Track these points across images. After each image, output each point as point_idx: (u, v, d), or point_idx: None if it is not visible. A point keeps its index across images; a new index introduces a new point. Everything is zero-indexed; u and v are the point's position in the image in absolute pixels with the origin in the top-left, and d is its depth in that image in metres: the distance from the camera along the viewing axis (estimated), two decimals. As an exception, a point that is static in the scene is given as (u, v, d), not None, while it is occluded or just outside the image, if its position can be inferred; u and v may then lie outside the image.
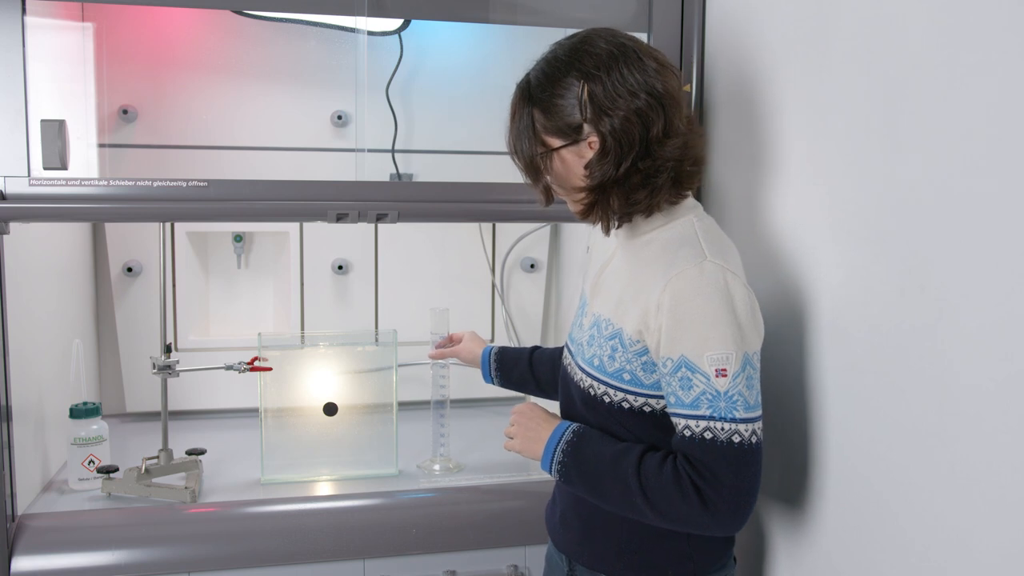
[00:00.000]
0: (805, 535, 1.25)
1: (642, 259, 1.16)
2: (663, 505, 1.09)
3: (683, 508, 1.08)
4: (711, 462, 1.06)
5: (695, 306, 1.06)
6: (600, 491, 1.14)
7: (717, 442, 1.06)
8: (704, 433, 1.07)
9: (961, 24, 0.93)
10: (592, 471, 1.14)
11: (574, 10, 1.67)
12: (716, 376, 1.06)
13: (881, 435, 1.07)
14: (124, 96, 2.03)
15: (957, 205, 0.93)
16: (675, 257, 1.10)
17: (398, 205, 1.54)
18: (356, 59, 1.98)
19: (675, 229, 1.15)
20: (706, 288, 1.07)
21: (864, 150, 1.11)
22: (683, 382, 1.08)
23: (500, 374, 1.57)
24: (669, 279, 1.08)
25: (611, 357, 1.16)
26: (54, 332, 1.83)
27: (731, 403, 1.06)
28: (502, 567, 1.65)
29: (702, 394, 1.07)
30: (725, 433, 1.06)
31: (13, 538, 1.47)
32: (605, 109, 1.09)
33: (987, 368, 0.89)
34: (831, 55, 1.19)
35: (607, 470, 1.13)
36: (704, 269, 1.08)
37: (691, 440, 1.07)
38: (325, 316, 2.26)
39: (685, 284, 1.07)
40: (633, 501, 1.11)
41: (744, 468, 1.07)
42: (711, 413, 1.06)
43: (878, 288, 1.08)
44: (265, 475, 1.76)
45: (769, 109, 1.34)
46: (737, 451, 1.06)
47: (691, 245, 1.11)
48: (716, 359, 1.06)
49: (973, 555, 0.91)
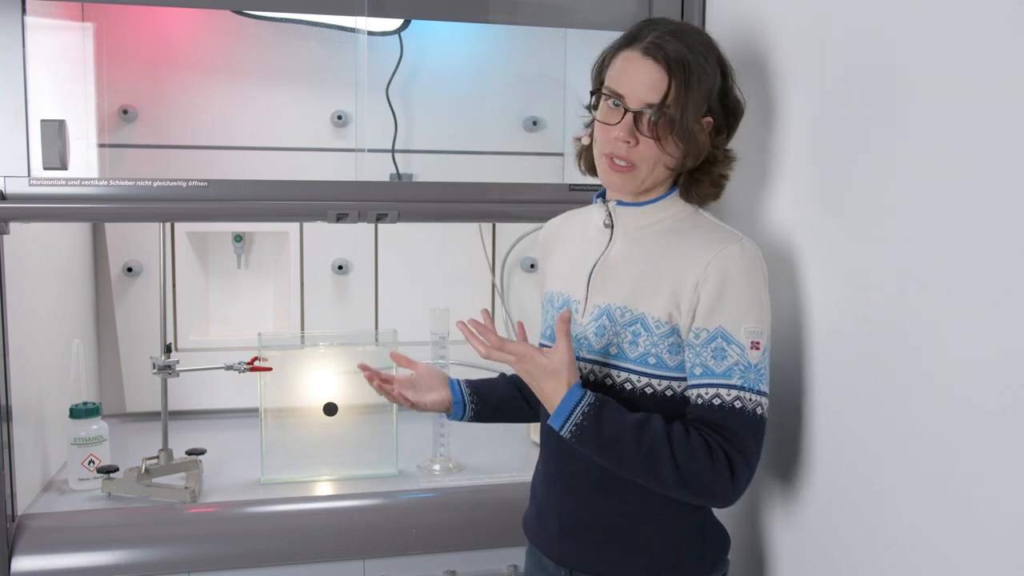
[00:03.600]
0: (802, 532, 1.25)
1: (661, 248, 1.19)
2: (688, 469, 1.10)
3: (708, 473, 1.10)
4: (739, 430, 1.11)
5: (739, 281, 1.13)
6: (619, 455, 1.12)
7: (745, 411, 1.11)
8: (735, 402, 1.11)
9: (960, 24, 0.93)
10: (613, 436, 1.12)
11: (574, 10, 1.67)
12: (751, 348, 1.12)
13: (879, 435, 1.07)
14: (124, 96, 2.03)
15: (957, 204, 0.93)
16: (709, 239, 1.16)
17: (398, 205, 1.54)
18: (356, 59, 1.98)
19: (688, 220, 1.21)
20: (748, 264, 1.14)
21: (864, 149, 1.11)
22: (716, 352, 1.12)
23: (475, 398, 1.41)
24: (712, 257, 1.13)
25: (633, 343, 1.18)
26: (54, 332, 1.83)
27: (759, 375, 1.13)
28: (502, 567, 1.65)
29: (735, 364, 1.12)
30: (752, 404, 1.12)
31: (13, 538, 1.47)
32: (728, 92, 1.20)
33: (987, 368, 0.89)
34: (831, 54, 1.19)
35: (630, 435, 1.11)
36: (745, 247, 1.15)
37: (720, 408, 1.11)
38: (325, 316, 2.26)
39: (730, 261, 1.13)
40: (657, 465, 1.11)
41: (760, 440, 1.13)
42: (742, 383, 1.12)
43: (878, 288, 1.08)
44: (265, 475, 1.76)
45: (769, 109, 1.34)
46: (758, 421, 1.12)
47: (718, 229, 1.19)
48: (753, 332, 1.12)
49: (974, 554, 0.91)
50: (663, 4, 1.58)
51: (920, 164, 1.00)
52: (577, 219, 1.35)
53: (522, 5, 1.67)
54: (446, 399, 1.39)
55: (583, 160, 1.30)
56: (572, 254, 1.30)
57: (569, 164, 2.25)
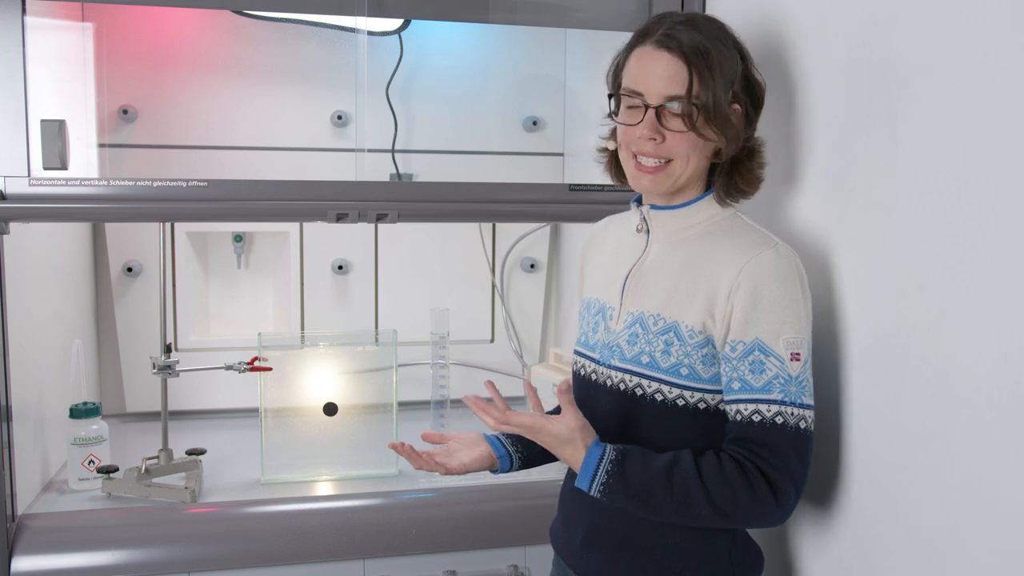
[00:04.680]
0: (807, 534, 1.25)
1: (695, 252, 1.15)
2: (728, 504, 1.05)
3: (750, 502, 1.05)
4: (781, 447, 1.06)
5: (773, 289, 1.07)
6: (651, 504, 1.08)
7: (788, 427, 1.06)
8: (776, 418, 1.06)
9: (960, 25, 0.93)
10: (642, 487, 1.08)
11: (574, 10, 1.67)
12: (791, 360, 1.06)
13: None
14: (124, 96, 2.03)
15: (957, 204, 0.93)
16: (743, 243, 1.11)
17: (398, 205, 1.54)
18: (356, 59, 1.98)
19: (724, 223, 1.16)
20: (784, 271, 1.08)
21: (863, 149, 1.11)
22: (754, 365, 1.07)
23: (519, 446, 1.33)
24: (745, 262, 1.08)
25: (665, 352, 1.13)
26: (54, 332, 1.83)
27: (801, 388, 1.07)
28: (502, 567, 1.65)
29: (775, 378, 1.06)
30: (795, 418, 1.06)
31: (13, 538, 1.47)
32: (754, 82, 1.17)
33: (987, 368, 0.89)
34: (831, 54, 1.19)
35: (660, 483, 1.07)
36: (780, 252, 1.09)
37: (760, 425, 1.06)
38: (325, 316, 2.26)
39: (763, 267, 1.08)
40: (692, 508, 1.06)
41: (807, 455, 1.08)
42: (783, 398, 1.06)
43: (878, 288, 1.08)
44: (265, 475, 1.76)
45: (769, 111, 1.34)
46: (804, 437, 1.07)
47: (754, 232, 1.14)
48: (792, 343, 1.06)
49: (975, 551, 0.91)
50: (663, 4, 1.58)
51: (921, 163, 1.00)
52: (617, 224, 1.31)
53: (522, 5, 1.67)
54: (486, 455, 1.31)
55: (611, 168, 1.26)
56: (609, 260, 1.27)
57: (569, 164, 2.25)
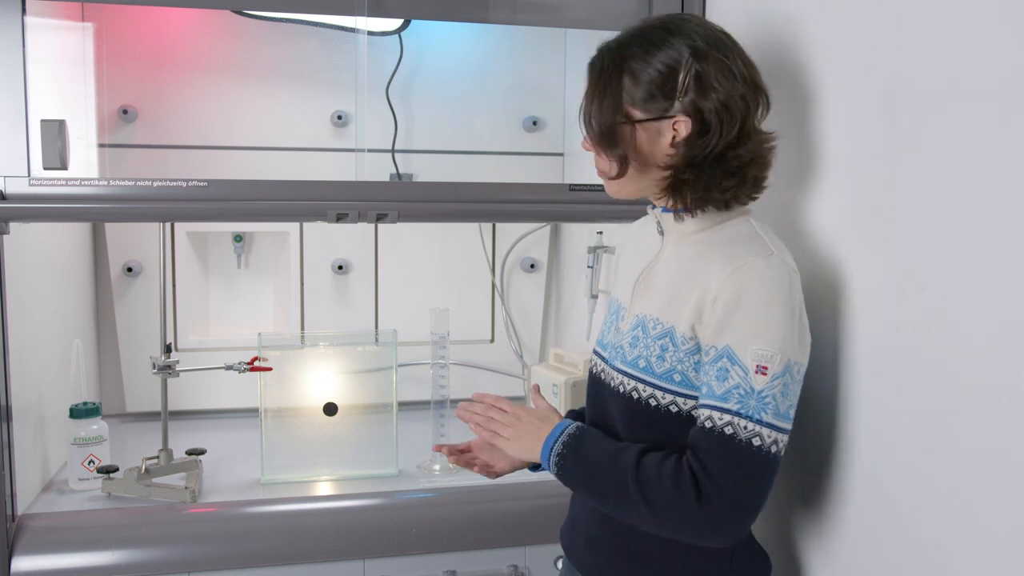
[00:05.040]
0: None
1: (695, 257, 1.11)
2: (657, 500, 1.03)
3: (677, 504, 1.02)
4: (722, 458, 1.01)
5: (755, 297, 1.03)
6: (596, 487, 1.09)
7: (737, 440, 1.01)
8: (725, 428, 1.02)
9: (963, 26, 0.93)
10: (590, 465, 1.10)
11: (574, 10, 1.67)
12: (755, 372, 1.01)
13: (889, 436, 1.07)
14: (124, 96, 2.03)
15: (958, 204, 0.93)
16: (737, 250, 1.07)
17: (398, 205, 1.54)
18: (356, 59, 1.98)
19: (731, 228, 1.12)
20: (771, 282, 1.03)
21: (864, 149, 1.11)
22: (720, 372, 1.03)
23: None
24: (733, 269, 1.04)
25: (660, 357, 1.11)
26: (54, 332, 1.83)
27: (762, 403, 1.01)
28: (502, 567, 1.65)
29: (735, 387, 1.02)
30: (746, 432, 1.01)
31: (13, 538, 1.47)
32: (713, 86, 1.06)
33: (987, 368, 0.89)
34: (831, 55, 1.19)
35: (605, 464, 1.08)
36: (771, 263, 1.04)
37: (710, 432, 1.03)
38: (325, 316, 2.26)
39: (750, 275, 1.03)
40: (629, 498, 1.05)
41: (755, 473, 1.02)
42: (738, 409, 1.02)
43: (878, 289, 1.07)
44: (265, 475, 1.76)
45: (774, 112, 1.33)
46: (754, 454, 1.01)
47: (754, 240, 1.08)
48: (761, 355, 1.01)
49: (980, 551, 0.91)
50: (663, 4, 1.58)
51: (921, 164, 1.00)
52: (646, 224, 1.28)
53: (522, 5, 1.67)
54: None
55: None
56: (633, 259, 1.26)
57: (569, 164, 2.25)
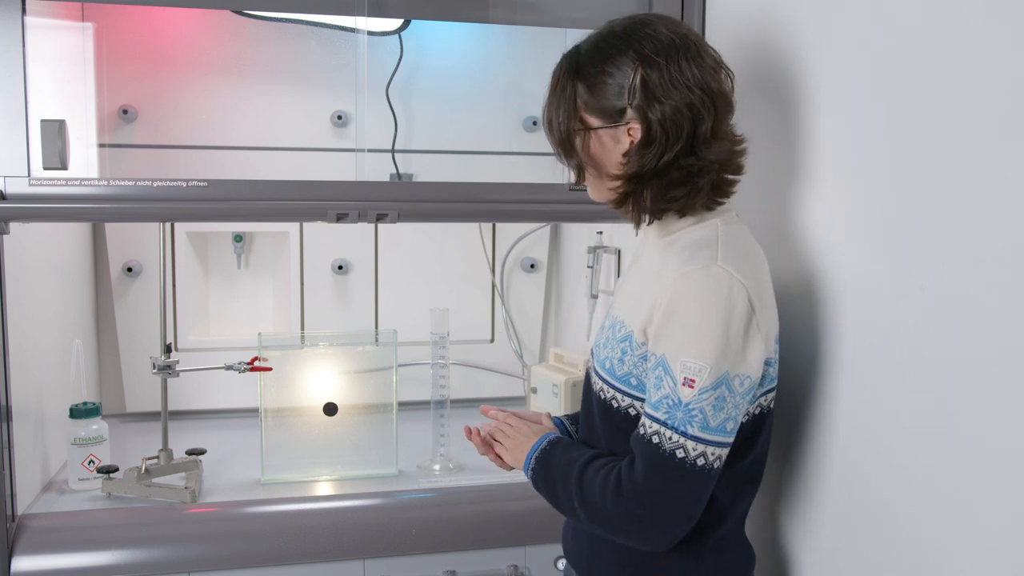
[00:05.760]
0: (811, 537, 1.25)
1: (658, 262, 1.12)
2: (588, 502, 1.08)
3: (599, 499, 1.06)
4: (647, 466, 1.03)
5: (688, 309, 1.03)
6: (555, 497, 1.14)
7: (660, 449, 1.03)
8: (652, 436, 1.04)
9: (960, 27, 0.93)
10: (553, 476, 1.14)
11: (574, 10, 1.67)
12: (682, 384, 1.01)
13: (896, 442, 1.06)
14: (124, 96, 2.03)
15: (957, 204, 0.93)
16: (687, 257, 1.06)
17: (398, 205, 1.54)
18: (356, 59, 1.98)
19: (696, 232, 1.11)
20: (705, 294, 1.02)
21: (864, 149, 1.11)
22: (656, 380, 1.05)
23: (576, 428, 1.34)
24: (675, 277, 1.05)
25: (620, 360, 1.12)
26: (54, 332, 1.83)
27: (688, 416, 1.01)
28: (502, 567, 1.65)
29: (665, 397, 1.03)
30: (671, 444, 1.02)
31: (13, 538, 1.47)
32: (657, 96, 1.05)
33: (987, 368, 0.89)
34: (831, 55, 1.19)
35: (562, 475, 1.13)
36: (711, 273, 1.03)
37: (640, 438, 1.06)
38: (325, 316, 2.26)
39: (687, 285, 1.03)
40: (572, 503, 1.10)
41: (677, 485, 1.03)
42: (666, 419, 1.03)
43: (878, 289, 1.07)
44: (265, 475, 1.76)
45: (770, 110, 1.34)
46: (677, 465, 1.02)
47: (708, 247, 1.07)
48: (688, 367, 1.01)
49: (978, 549, 0.91)
50: (663, 4, 1.58)
51: (921, 164, 1.00)
52: None
53: (522, 5, 1.67)
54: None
55: None
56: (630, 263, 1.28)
57: (569, 164, 2.24)
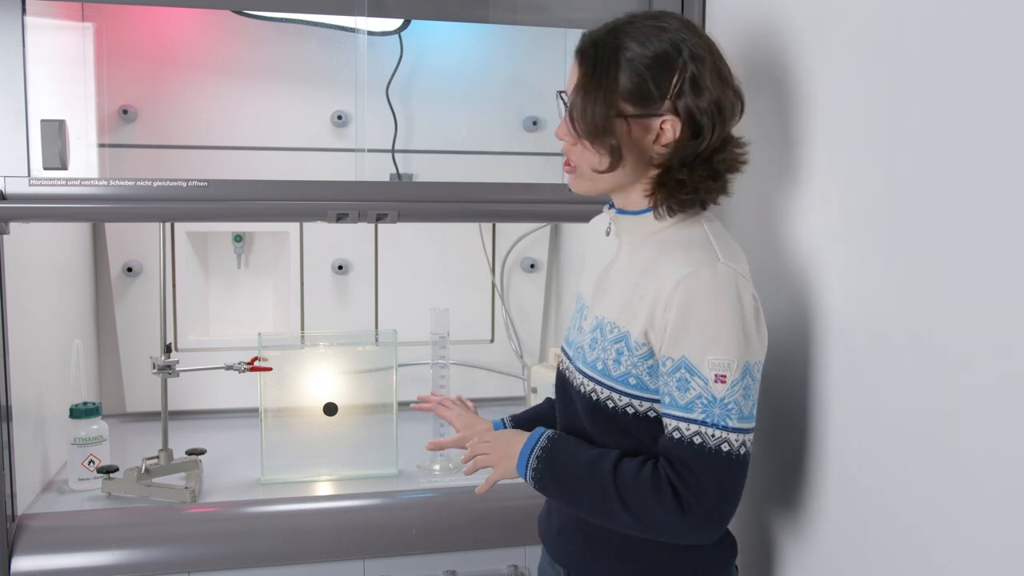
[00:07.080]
0: (809, 539, 1.25)
1: (648, 260, 1.13)
2: (639, 509, 1.08)
3: (659, 513, 1.06)
4: (696, 467, 1.05)
5: (704, 308, 1.05)
6: (575, 497, 1.13)
7: (706, 448, 1.05)
8: (694, 437, 1.06)
9: (960, 27, 0.93)
10: (567, 476, 1.14)
11: (574, 10, 1.67)
12: (715, 381, 1.04)
13: (882, 437, 1.07)
14: (124, 96, 2.03)
15: (957, 204, 0.93)
16: (687, 257, 1.08)
17: (398, 205, 1.54)
18: (356, 59, 1.98)
19: (684, 230, 1.13)
20: (718, 291, 1.05)
21: (865, 150, 1.11)
22: (680, 383, 1.06)
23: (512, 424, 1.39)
24: (681, 278, 1.06)
25: (616, 361, 1.13)
26: (54, 332, 1.83)
27: (725, 410, 1.05)
28: (502, 567, 1.65)
29: (698, 397, 1.05)
30: (715, 440, 1.05)
31: (13, 538, 1.47)
32: (706, 88, 1.08)
33: (987, 367, 0.89)
34: (832, 55, 1.19)
35: (583, 474, 1.12)
36: (717, 271, 1.06)
37: (679, 442, 1.06)
38: (325, 316, 2.26)
39: (697, 285, 1.05)
40: (608, 506, 1.09)
41: (728, 477, 1.06)
42: (704, 418, 1.05)
43: (878, 289, 1.07)
44: (265, 475, 1.76)
45: (770, 111, 1.34)
46: (724, 459, 1.05)
47: (703, 246, 1.10)
48: (717, 364, 1.04)
49: (977, 552, 0.91)
50: (663, 3, 1.58)
51: (921, 164, 1.00)
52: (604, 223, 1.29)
53: (522, 5, 1.67)
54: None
55: None
56: (592, 260, 1.27)
57: (569, 164, 2.24)
